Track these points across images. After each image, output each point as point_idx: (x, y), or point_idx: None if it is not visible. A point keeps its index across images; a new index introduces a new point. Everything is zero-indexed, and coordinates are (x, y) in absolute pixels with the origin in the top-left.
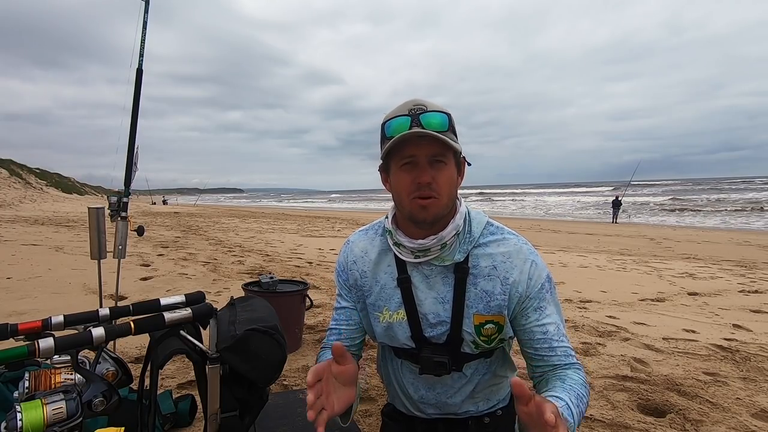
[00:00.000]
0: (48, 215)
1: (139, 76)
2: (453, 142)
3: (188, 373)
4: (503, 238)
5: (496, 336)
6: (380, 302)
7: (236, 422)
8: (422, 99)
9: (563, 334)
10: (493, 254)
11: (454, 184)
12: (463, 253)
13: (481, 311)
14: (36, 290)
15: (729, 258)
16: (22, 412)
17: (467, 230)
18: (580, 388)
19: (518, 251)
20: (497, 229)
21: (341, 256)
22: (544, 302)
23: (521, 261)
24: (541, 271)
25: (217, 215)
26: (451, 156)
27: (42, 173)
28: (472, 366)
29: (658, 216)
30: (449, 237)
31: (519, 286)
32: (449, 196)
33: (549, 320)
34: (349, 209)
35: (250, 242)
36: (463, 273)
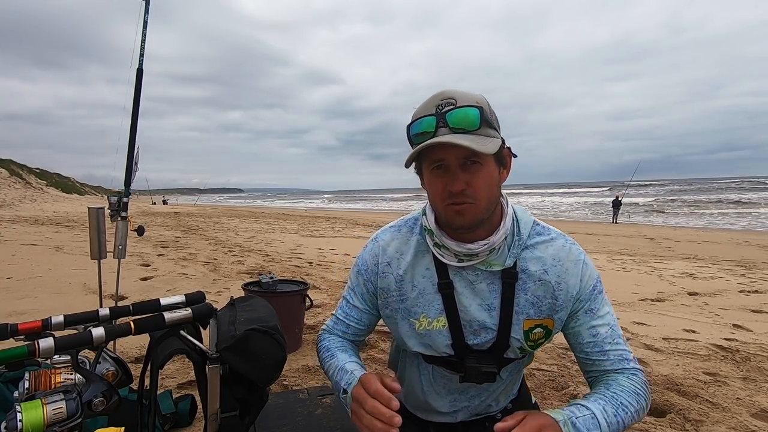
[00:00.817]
0: (48, 215)
1: (139, 76)
2: (489, 138)
3: (188, 373)
4: (551, 239)
5: (542, 341)
6: (417, 308)
7: (236, 422)
8: (451, 90)
9: (618, 336)
10: (543, 257)
11: (495, 184)
12: (513, 257)
13: (532, 316)
14: (36, 290)
15: (729, 258)
16: (22, 412)
17: (516, 232)
18: (626, 395)
19: (568, 253)
20: (544, 230)
21: (366, 254)
22: (595, 304)
23: (572, 263)
24: (591, 272)
25: (217, 215)
26: (491, 157)
27: (42, 173)
28: (509, 368)
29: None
30: (499, 243)
31: (571, 290)
32: (488, 198)
33: (600, 322)
34: (349, 209)
35: (250, 242)
36: (512, 278)
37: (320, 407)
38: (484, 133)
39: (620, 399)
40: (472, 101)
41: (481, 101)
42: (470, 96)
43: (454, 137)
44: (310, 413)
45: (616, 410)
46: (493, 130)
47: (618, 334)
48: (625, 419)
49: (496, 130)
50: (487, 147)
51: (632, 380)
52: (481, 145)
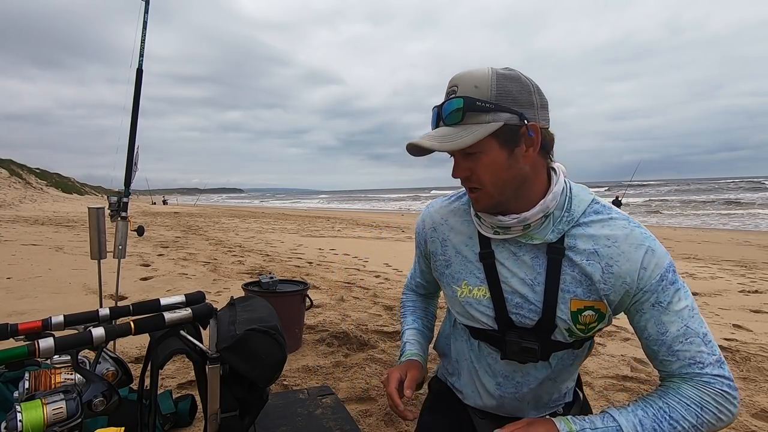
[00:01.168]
0: (48, 215)
1: (139, 76)
2: (474, 126)
3: (188, 373)
4: (609, 218)
5: (595, 325)
6: (459, 275)
7: (236, 422)
8: (460, 74)
9: (695, 335)
10: (596, 236)
11: (502, 168)
12: (558, 233)
13: (580, 296)
14: (36, 290)
15: (729, 258)
16: (22, 412)
17: (566, 208)
18: (682, 408)
19: (627, 235)
20: (603, 208)
21: (420, 218)
22: (665, 296)
23: (632, 247)
24: (660, 259)
25: (217, 215)
26: (489, 139)
27: (42, 173)
28: (559, 355)
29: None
30: (534, 219)
31: (628, 277)
32: (495, 183)
33: (672, 318)
34: (349, 210)
35: (250, 242)
36: (558, 254)
37: (320, 407)
38: (470, 121)
39: (671, 411)
40: (471, 86)
41: (481, 82)
42: (472, 77)
43: (422, 139)
44: (310, 413)
45: (658, 424)
46: (487, 114)
47: (695, 332)
48: None
49: (494, 113)
50: (458, 142)
51: (699, 389)
52: (448, 141)
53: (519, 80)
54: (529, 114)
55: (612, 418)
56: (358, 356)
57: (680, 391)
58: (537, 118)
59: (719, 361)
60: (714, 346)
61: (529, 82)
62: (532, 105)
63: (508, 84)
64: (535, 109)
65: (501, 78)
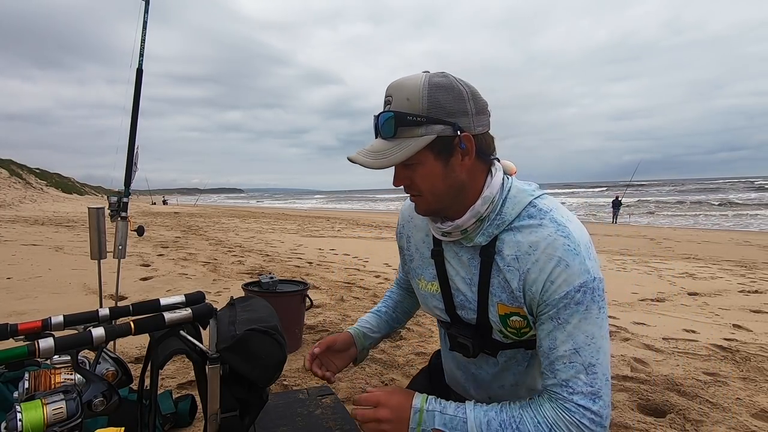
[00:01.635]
0: (48, 215)
1: (139, 76)
2: (406, 141)
3: (188, 373)
4: (539, 225)
5: (527, 330)
6: (419, 270)
7: (236, 422)
8: (395, 82)
9: (580, 362)
10: (521, 242)
11: (438, 178)
12: (487, 236)
13: (504, 301)
14: (36, 290)
15: (729, 258)
16: (22, 412)
17: (497, 211)
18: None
19: (548, 245)
20: (539, 213)
21: (399, 216)
22: (565, 313)
23: (545, 257)
24: (570, 276)
25: (217, 215)
26: (423, 151)
27: (42, 173)
28: (507, 354)
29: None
30: (468, 224)
31: (534, 286)
32: (433, 192)
33: (563, 337)
34: (348, 210)
35: (250, 242)
36: (488, 257)
37: (320, 407)
38: (403, 135)
39: (520, 423)
40: (403, 98)
41: (413, 95)
42: (405, 89)
43: (358, 155)
44: (310, 413)
45: (503, 429)
46: (419, 127)
47: (582, 360)
48: None
49: (426, 125)
50: (390, 159)
51: (557, 413)
52: (381, 158)
53: (452, 89)
54: (463, 122)
55: (464, 410)
56: None
57: (541, 407)
58: (472, 125)
59: (594, 395)
60: (597, 380)
61: (463, 89)
62: (466, 113)
63: (440, 94)
64: (469, 117)
65: (433, 88)
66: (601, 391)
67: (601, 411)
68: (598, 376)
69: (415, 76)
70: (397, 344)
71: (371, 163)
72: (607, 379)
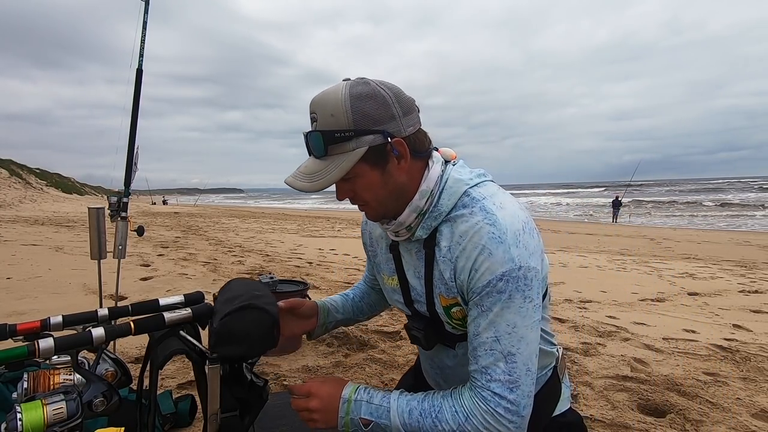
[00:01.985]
0: (48, 215)
1: (139, 76)
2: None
3: (188, 373)
4: (470, 214)
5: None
6: (381, 265)
7: (236, 422)
8: (316, 98)
9: (500, 350)
10: (453, 233)
11: (377, 186)
12: (426, 229)
13: (443, 293)
14: (36, 290)
15: (729, 258)
16: (22, 412)
17: (434, 203)
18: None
19: (475, 233)
20: (471, 201)
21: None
22: (487, 301)
23: (472, 245)
24: (493, 265)
25: (217, 215)
26: (358, 164)
27: (42, 173)
28: (465, 345)
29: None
30: (409, 220)
31: (462, 275)
32: (377, 200)
33: (485, 324)
34: (348, 210)
35: (250, 242)
36: (430, 249)
37: None
38: (334, 152)
39: (439, 411)
40: (327, 115)
41: (336, 110)
42: (327, 105)
43: (293, 179)
44: None
45: (423, 418)
46: (349, 142)
47: (502, 348)
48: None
49: (356, 139)
50: (327, 179)
51: (473, 400)
52: (317, 179)
53: (375, 96)
54: (392, 128)
55: (389, 400)
56: (358, 356)
57: (461, 395)
58: (401, 128)
59: (512, 384)
60: (516, 369)
61: (386, 94)
62: (393, 117)
63: (364, 104)
64: (397, 120)
65: (355, 99)
66: (520, 381)
67: (518, 400)
68: (518, 365)
69: (335, 89)
70: (397, 344)
71: (308, 186)
72: (528, 369)
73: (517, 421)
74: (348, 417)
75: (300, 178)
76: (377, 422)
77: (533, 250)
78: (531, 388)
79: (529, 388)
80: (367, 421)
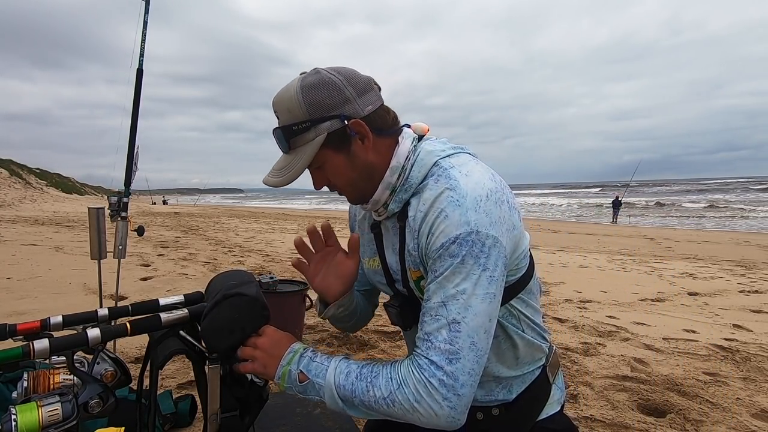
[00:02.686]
0: (48, 215)
1: (139, 76)
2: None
3: (188, 373)
4: (435, 182)
5: None
6: (364, 248)
7: (236, 422)
8: (276, 97)
9: (445, 317)
10: (419, 201)
11: (346, 169)
12: (398, 203)
13: (411, 265)
14: (36, 290)
15: (729, 258)
16: (17, 414)
17: (406, 176)
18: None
19: (436, 198)
20: (439, 170)
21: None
22: (439, 265)
23: (432, 209)
24: (448, 227)
25: (217, 215)
26: (321, 151)
27: (42, 173)
28: None
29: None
30: (383, 197)
31: (421, 240)
32: (349, 182)
33: (435, 289)
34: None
35: (250, 242)
36: (402, 222)
37: (319, 407)
38: (297, 144)
39: (375, 376)
40: (285, 112)
41: (291, 105)
42: (283, 102)
43: (268, 176)
44: (309, 413)
45: (359, 381)
46: (308, 132)
47: (447, 315)
48: (364, 400)
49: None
50: (293, 172)
51: (410, 368)
52: (286, 173)
53: (324, 83)
54: (348, 110)
55: (330, 360)
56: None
57: (400, 364)
58: (358, 108)
59: (452, 354)
60: (458, 339)
61: (336, 79)
62: (347, 100)
63: (314, 93)
64: (352, 102)
65: (306, 90)
66: (461, 353)
67: (456, 374)
68: (461, 335)
69: (289, 85)
70: (397, 344)
71: (277, 181)
72: (473, 343)
73: (451, 399)
74: (288, 367)
75: (272, 175)
76: (313, 380)
77: (496, 219)
78: (474, 366)
79: (470, 365)
80: (304, 377)
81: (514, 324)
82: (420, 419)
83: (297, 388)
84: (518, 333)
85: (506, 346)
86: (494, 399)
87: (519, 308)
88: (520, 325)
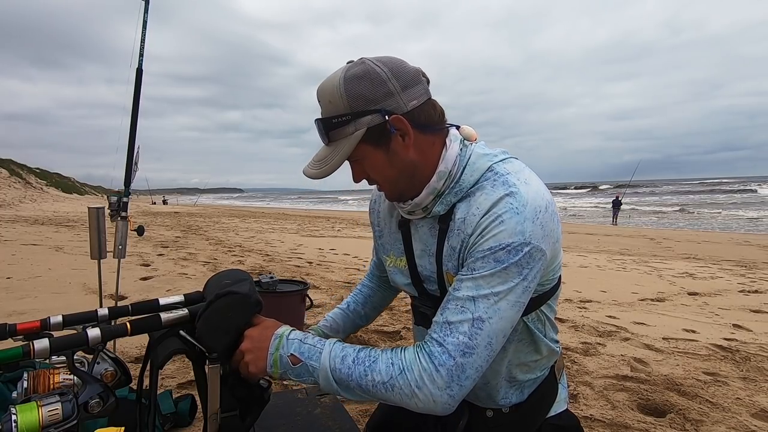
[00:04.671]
0: (48, 215)
1: (139, 75)
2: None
3: (188, 373)
4: (492, 187)
5: None
6: (388, 246)
7: (236, 422)
8: (320, 86)
9: (472, 312)
10: (471, 205)
11: (385, 166)
12: (445, 205)
13: (450, 270)
14: (36, 290)
15: (729, 258)
16: (17, 414)
17: (456, 179)
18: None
19: (493, 203)
20: (494, 176)
21: (372, 193)
22: (480, 264)
23: (488, 216)
24: (502, 233)
25: (217, 215)
26: (360, 146)
27: (42, 173)
28: None
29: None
30: (426, 201)
31: (469, 241)
32: (386, 179)
33: (469, 285)
34: (348, 210)
35: (250, 242)
36: (444, 224)
37: (319, 407)
38: (336, 138)
39: (374, 362)
40: (327, 102)
41: (333, 96)
42: (326, 92)
43: (307, 167)
44: (309, 413)
45: (356, 366)
46: (348, 126)
47: (474, 311)
48: (361, 383)
49: (354, 122)
50: (330, 165)
51: (416, 355)
52: (324, 165)
53: (368, 75)
54: (390, 105)
55: (323, 343)
56: None
57: (404, 350)
58: (401, 103)
59: (468, 348)
60: (478, 336)
61: (381, 71)
62: (390, 94)
63: (358, 86)
64: (395, 96)
65: (349, 82)
66: (477, 350)
67: (466, 366)
68: (482, 333)
69: (333, 75)
70: (397, 344)
71: (315, 173)
72: (490, 342)
73: (453, 388)
74: (278, 353)
75: (311, 166)
76: (306, 363)
77: (548, 232)
78: (483, 364)
79: (480, 362)
80: (296, 359)
81: (539, 329)
82: (417, 404)
83: (291, 372)
84: (542, 338)
85: (529, 350)
86: (509, 402)
87: (546, 313)
88: (544, 329)
